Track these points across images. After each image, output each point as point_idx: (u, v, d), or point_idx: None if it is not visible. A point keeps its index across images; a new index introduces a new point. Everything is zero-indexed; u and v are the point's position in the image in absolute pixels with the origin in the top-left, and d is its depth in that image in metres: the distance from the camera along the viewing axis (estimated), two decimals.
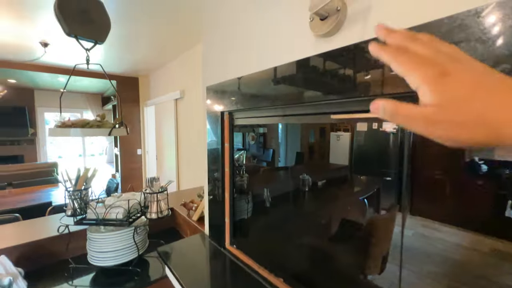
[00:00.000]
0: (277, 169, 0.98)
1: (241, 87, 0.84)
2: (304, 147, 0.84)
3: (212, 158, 1.06)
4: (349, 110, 0.55)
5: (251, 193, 1.03)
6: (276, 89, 0.70)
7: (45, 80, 4.99)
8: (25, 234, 1.13)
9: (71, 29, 0.90)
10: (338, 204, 0.76)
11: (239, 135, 1.05)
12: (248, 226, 1.04)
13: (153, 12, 2.10)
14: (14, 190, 2.88)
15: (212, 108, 1.01)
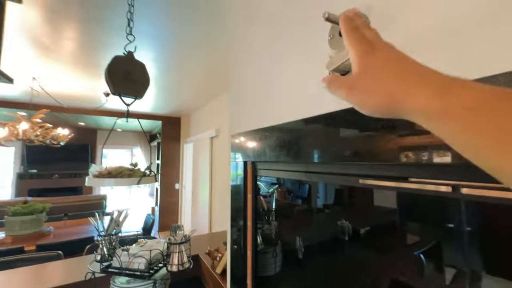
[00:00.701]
0: (312, 210, 0.87)
1: (263, 138, 0.82)
2: (339, 196, 0.74)
3: (235, 208, 1.01)
4: (380, 175, 0.47)
5: (280, 243, 0.94)
6: (296, 143, 0.65)
7: (105, 122, 5.82)
8: (59, 276, 1.18)
9: (116, 88, 1.03)
10: (386, 259, 0.61)
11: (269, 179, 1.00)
12: (276, 285, 0.91)
13: (194, 64, 2.36)
14: (69, 221, 3.19)
15: (236, 156, 1.00)
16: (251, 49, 0.97)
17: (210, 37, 1.82)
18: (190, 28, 1.70)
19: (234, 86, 1.10)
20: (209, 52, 2.09)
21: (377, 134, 0.45)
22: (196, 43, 1.93)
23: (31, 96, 2.97)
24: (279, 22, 0.80)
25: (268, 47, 0.86)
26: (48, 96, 3.21)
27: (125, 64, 1.08)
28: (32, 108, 3.11)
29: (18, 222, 2.39)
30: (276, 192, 0.99)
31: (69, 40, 1.92)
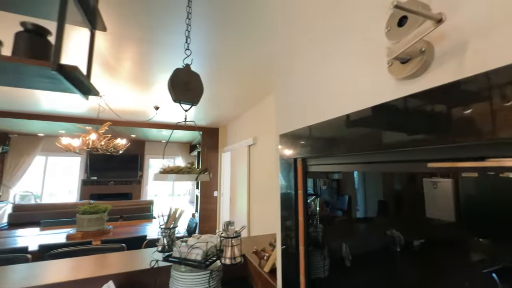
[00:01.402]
0: (355, 220, 0.85)
1: (314, 134, 0.84)
2: (388, 194, 0.72)
3: (285, 206, 1.04)
4: (451, 158, 0.46)
5: (327, 247, 0.92)
6: (353, 135, 0.67)
7: (152, 134, 6.41)
8: (125, 264, 1.32)
9: (177, 96, 1.17)
10: (449, 276, 0.57)
11: (310, 179, 1.01)
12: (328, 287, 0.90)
13: (233, 75, 2.51)
14: (124, 222, 3.57)
15: (285, 155, 1.04)
16: (298, 49, 1.03)
17: (253, 47, 1.94)
18: (233, 41, 1.84)
19: (281, 89, 1.16)
20: (251, 62, 2.22)
21: (444, 116, 0.45)
22: (238, 56, 2.07)
23: (98, 111, 3.46)
24: (328, 20, 0.84)
25: (316, 46, 0.90)
26: (110, 111, 3.71)
27: (183, 75, 1.22)
28: (98, 123, 3.63)
29: (86, 220, 2.75)
30: (313, 204, 0.99)
31: (128, 60, 2.23)
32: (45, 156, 6.75)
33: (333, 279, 0.87)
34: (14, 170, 6.07)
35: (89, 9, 0.98)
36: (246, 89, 3.00)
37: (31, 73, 0.88)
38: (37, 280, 1.14)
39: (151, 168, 8.25)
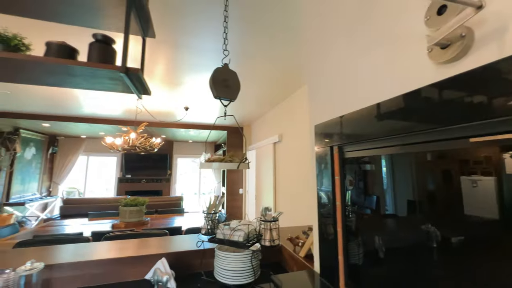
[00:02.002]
0: (386, 216, 0.85)
1: (351, 121, 0.90)
2: (420, 194, 0.70)
3: (322, 191, 1.10)
4: (492, 132, 0.50)
5: (361, 237, 0.96)
6: (393, 119, 0.71)
7: (181, 134, 6.74)
8: (173, 246, 1.47)
9: (218, 93, 1.28)
10: (492, 276, 0.52)
11: None
12: (362, 275, 0.94)
13: (259, 74, 2.60)
14: (159, 215, 3.85)
15: (320, 143, 1.10)
16: (333, 41, 1.08)
17: (282, 45, 2.01)
18: (261, 40, 1.93)
19: (314, 82, 1.22)
20: (278, 61, 2.29)
21: (485, 92, 0.49)
22: (265, 55, 2.16)
23: (136, 113, 3.76)
24: (364, 11, 0.89)
25: (352, 37, 0.95)
26: (144, 113, 4.00)
27: (222, 73, 1.33)
28: (135, 124, 3.94)
29: (128, 212, 3.02)
30: None
31: (163, 64, 2.41)
32: (87, 156, 7.42)
33: (368, 267, 0.91)
34: (61, 168, 6.77)
35: (144, 19, 1.12)
36: (271, 87, 3.08)
37: (101, 75, 1.04)
38: (100, 254, 1.32)
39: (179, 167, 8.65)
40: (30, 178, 5.90)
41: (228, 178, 5.59)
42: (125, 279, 1.29)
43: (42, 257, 1.28)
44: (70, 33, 1.84)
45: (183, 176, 8.54)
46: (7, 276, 1.09)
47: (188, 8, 1.55)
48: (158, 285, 1.17)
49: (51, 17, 1.08)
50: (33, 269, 1.11)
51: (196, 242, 1.28)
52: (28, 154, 5.80)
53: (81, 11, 1.04)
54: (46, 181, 6.57)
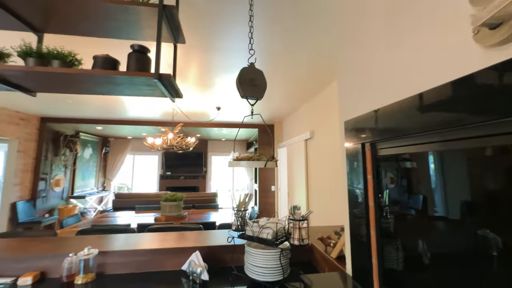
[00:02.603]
0: (434, 218, 0.75)
1: (386, 115, 0.83)
2: (477, 194, 0.61)
3: (353, 193, 1.04)
4: None
5: (400, 240, 0.88)
6: (437, 111, 0.64)
7: (214, 133, 7.01)
8: (206, 240, 1.55)
9: (244, 92, 1.30)
10: None
11: (379, 175, 0.96)
12: (400, 281, 0.87)
13: (289, 70, 2.56)
14: (195, 210, 4.08)
15: (351, 141, 1.04)
16: (366, 31, 1.01)
17: (311, 39, 1.95)
18: (290, 36, 1.89)
19: (344, 76, 1.16)
20: (308, 55, 2.23)
21: None
22: (295, 50, 2.11)
23: (172, 115, 4.02)
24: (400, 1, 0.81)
25: (387, 20, 0.88)
26: (181, 114, 4.26)
27: (249, 73, 1.35)
28: (172, 124, 4.22)
29: (168, 206, 3.26)
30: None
31: (195, 67, 2.53)
32: (133, 155, 8.20)
33: (409, 273, 0.83)
34: (113, 166, 7.60)
35: (175, 27, 1.19)
36: (302, 83, 3.01)
37: (139, 83, 1.13)
38: (144, 244, 1.46)
39: (214, 164, 9.02)
40: (89, 174, 6.77)
41: (260, 175, 5.65)
42: (165, 268, 1.41)
43: (97, 244, 1.47)
44: (108, 45, 2.04)
45: (217, 173, 8.89)
46: (71, 259, 1.27)
47: (215, 12, 1.59)
48: (193, 276, 1.25)
49: (98, 34, 1.21)
50: (89, 254, 1.28)
51: (227, 237, 1.33)
52: (87, 154, 6.65)
53: (122, 25, 1.15)
54: (101, 177, 7.46)
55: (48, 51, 1.08)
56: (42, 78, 1.08)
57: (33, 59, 1.06)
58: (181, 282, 1.25)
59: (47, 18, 1.12)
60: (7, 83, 1.10)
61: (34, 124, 4.90)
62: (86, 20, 1.11)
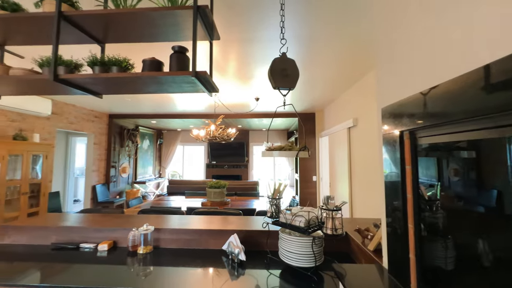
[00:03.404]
0: (504, 216, 0.60)
1: (429, 100, 0.76)
2: None
3: (390, 185, 0.98)
4: None
5: (451, 237, 0.80)
6: (493, 91, 0.56)
7: (255, 123, 7.16)
8: (244, 225, 1.66)
9: (276, 83, 1.31)
10: None
11: (431, 166, 0.85)
12: (446, 281, 0.80)
13: (328, 56, 2.43)
14: (238, 197, 4.33)
15: (389, 129, 0.97)
16: (404, 13, 0.92)
17: (351, 21, 1.82)
18: (328, 20, 1.79)
19: (383, 58, 1.07)
20: (349, 38, 2.08)
21: None
22: (334, 34, 2.00)
23: (214, 107, 4.26)
24: None
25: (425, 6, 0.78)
26: (222, 106, 4.47)
27: (280, 63, 1.35)
28: (215, 117, 4.47)
29: (212, 192, 3.54)
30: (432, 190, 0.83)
31: (233, 60, 2.60)
32: (183, 145, 8.99)
33: (461, 275, 0.75)
34: (166, 156, 8.49)
35: (209, 26, 1.26)
36: (343, 68, 2.83)
37: (179, 81, 1.25)
38: (191, 225, 1.64)
39: (255, 154, 9.27)
40: (147, 163, 7.72)
41: (300, 165, 5.59)
42: (208, 247, 1.57)
43: (154, 223, 1.72)
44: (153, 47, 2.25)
45: (259, 163, 9.12)
46: (133, 233, 1.53)
47: (248, 4, 1.61)
48: (231, 256, 1.37)
49: (144, 39, 1.37)
50: (147, 230, 1.52)
51: (262, 223, 1.41)
52: (145, 145, 7.57)
53: (163, 29, 1.28)
54: (157, 165, 8.43)
55: (108, 59, 1.28)
56: (105, 82, 1.29)
57: (98, 67, 1.27)
58: (221, 260, 1.39)
59: (107, 32, 1.31)
60: (81, 88, 1.35)
61: (104, 121, 5.79)
62: (135, 29, 1.27)
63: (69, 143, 5.82)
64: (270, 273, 1.23)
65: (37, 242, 1.66)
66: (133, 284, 1.11)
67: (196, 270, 1.27)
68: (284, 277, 1.19)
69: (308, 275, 1.16)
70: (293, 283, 1.13)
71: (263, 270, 1.27)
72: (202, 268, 1.29)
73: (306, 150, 1.21)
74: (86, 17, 1.18)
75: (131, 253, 1.48)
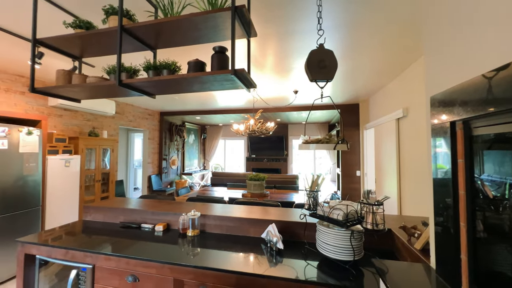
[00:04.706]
0: None
1: (494, 83, 0.68)
2: None
3: (439, 180, 0.91)
4: None
5: None
6: None
7: (294, 117, 7.07)
8: (282, 216, 1.71)
9: (313, 76, 1.30)
10: None
11: (498, 161, 0.75)
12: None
13: (373, 42, 2.26)
14: (276, 190, 4.40)
15: (439, 119, 0.89)
16: None
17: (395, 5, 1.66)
18: (371, 2, 1.67)
19: (433, 39, 0.97)
20: (396, 20, 1.90)
21: None
22: (379, 17, 1.85)
23: (253, 102, 4.35)
24: None
25: None
26: (261, 101, 4.54)
27: (317, 55, 1.33)
28: (253, 111, 4.57)
29: (252, 184, 3.67)
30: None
31: (271, 54, 2.62)
32: (224, 140, 9.43)
33: None
34: (210, 149, 9.04)
35: (246, 24, 1.31)
36: (391, 54, 2.59)
37: (220, 79, 1.34)
38: (232, 213, 1.77)
39: (294, 148, 9.18)
40: (193, 156, 8.35)
41: (343, 159, 5.35)
42: (248, 234, 1.67)
43: (200, 210, 1.90)
44: (196, 48, 2.40)
45: (299, 157, 9.01)
46: (183, 217, 1.71)
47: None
48: (270, 244, 1.44)
49: (188, 43, 1.50)
50: (195, 216, 1.69)
51: (300, 215, 1.43)
52: (191, 139, 8.18)
53: (205, 32, 1.38)
54: (201, 158, 9.05)
55: (160, 63, 1.44)
56: (157, 84, 1.47)
57: (151, 71, 1.45)
58: (260, 247, 1.47)
59: (158, 39, 1.48)
60: (138, 90, 1.56)
61: (156, 118, 6.44)
62: (180, 34, 1.40)
63: (129, 138, 6.67)
64: (307, 263, 1.26)
65: (109, 220, 2.00)
66: (185, 261, 1.27)
67: (237, 254, 1.38)
68: (322, 268, 1.21)
69: (346, 268, 1.15)
70: (330, 275, 1.14)
71: (300, 260, 1.31)
72: (243, 253, 1.39)
73: (344, 142, 1.19)
74: (142, 28, 1.36)
75: (181, 235, 1.68)
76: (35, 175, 2.83)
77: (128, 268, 1.33)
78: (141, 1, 1.58)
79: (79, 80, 1.55)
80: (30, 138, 2.78)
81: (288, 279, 1.10)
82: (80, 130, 4.13)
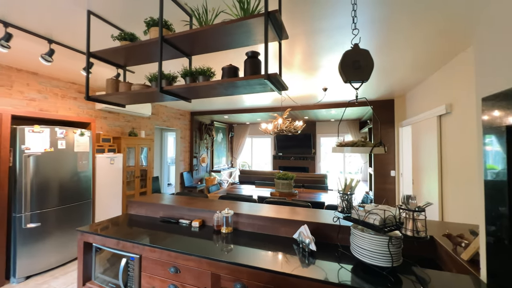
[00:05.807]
0: None
1: None
2: None
3: (493, 186, 0.84)
4: None
5: None
6: None
7: (322, 115, 6.89)
8: (314, 217, 1.71)
9: (347, 77, 1.27)
10: None
11: None
12: None
13: (411, 33, 2.11)
14: (305, 189, 4.35)
15: (493, 122, 0.82)
16: None
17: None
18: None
19: (485, 33, 0.89)
20: (438, 8, 1.76)
21: None
22: (421, 10, 1.72)
23: (281, 101, 4.34)
24: None
25: None
26: (288, 99, 4.51)
27: (352, 55, 1.30)
28: (281, 110, 4.57)
29: (280, 183, 3.69)
30: None
31: (299, 53, 2.58)
32: (251, 138, 9.55)
33: None
34: (237, 147, 9.23)
35: (278, 27, 1.33)
36: (431, 46, 2.39)
37: (253, 83, 1.38)
38: (263, 212, 1.81)
39: (322, 146, 8.95)
40: (221, 154, 8.60)
41: (375, 158, 5.08)
42: (279, 234, 1.70)
43: (233, 208, 1.97)
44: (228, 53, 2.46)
45: (327, 155, 8.77)
46: (217, 215, 1.80)
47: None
48: (302, 245, 1.45)
49: (221, 48, 1.56)
50: (228, 213, 1.76)
51: (333, 217, 1.42)
52: (219, 138, 8.44)
53: (237, 38, 1.42)
54: (229, 156, 9.28)
55: (196, 70, 1.53)
56: (193, 90, 1.55)
57: (188, 77, 1.54)
58: (292, 247, 1.49)
59: (194, 46, 1.56)
60: (176, 96, 1.66)
61: (187, 118, 6.76)
62: (213, 41, 1.47)
63: (163, 138, 7.11)
64: (341, 266, 1.25)
65: (151, 214, 2.18)
66: (219, 257, 1.34)
67: (270, 253, 1.41)
68: (356, 272, 1.19)
69: (384, 275, 1.12)
70: (366, 280, 1.12)
71: (333, 262, 1.30)
72: (275, 252, 1.42)
73: (381, 146, 1.15)
74: (180, 37, 1.45)
75: (216, 231, 1.77)
76: (87, 171, 3.18)
77: (170, 260, 1.45)
78: (176, 10, 1.68)
79: (125, 88, 1.71)
80: (82, 138, 3.13)
81: (321, 281, 1.11)
82: (121, 131, 4.52)
